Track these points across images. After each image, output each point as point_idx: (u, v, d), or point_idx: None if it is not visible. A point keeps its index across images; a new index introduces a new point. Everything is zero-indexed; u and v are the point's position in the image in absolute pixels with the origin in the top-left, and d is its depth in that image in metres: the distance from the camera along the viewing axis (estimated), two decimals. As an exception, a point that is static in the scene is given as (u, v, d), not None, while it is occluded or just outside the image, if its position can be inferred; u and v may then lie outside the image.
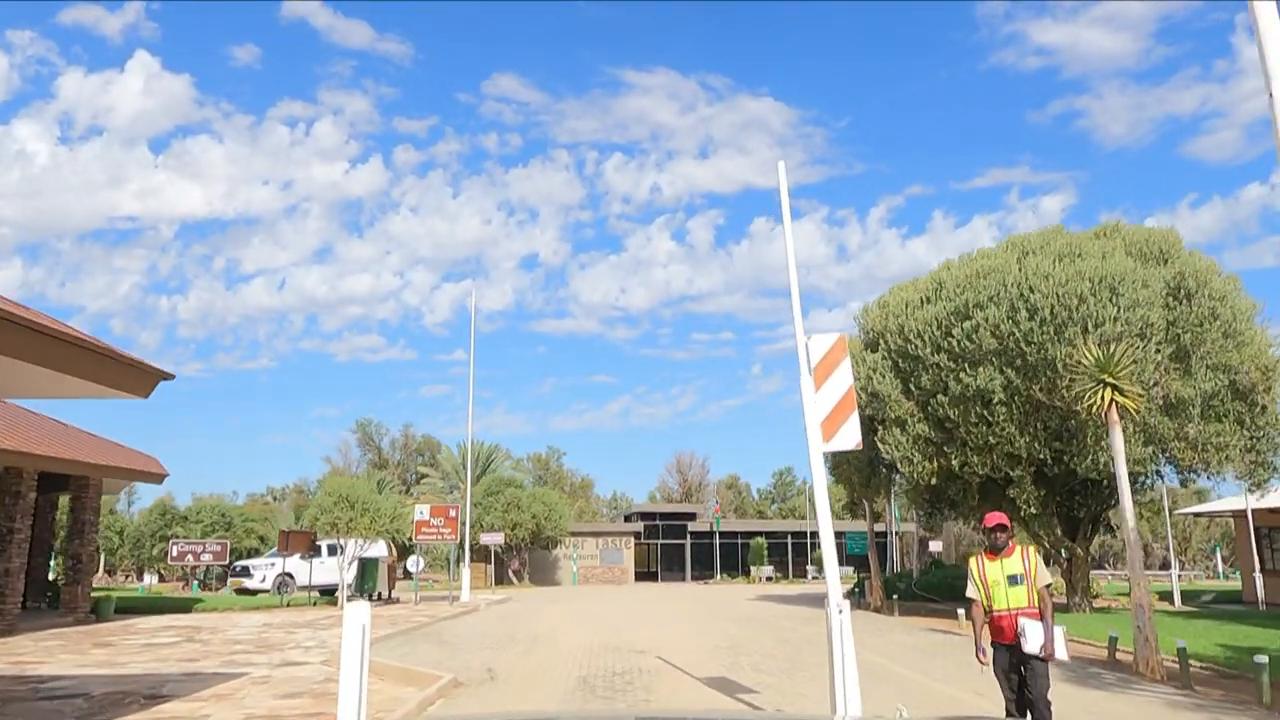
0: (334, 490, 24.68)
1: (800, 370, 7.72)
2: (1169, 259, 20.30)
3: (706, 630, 17.80)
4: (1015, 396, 19.00)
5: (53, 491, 21.68)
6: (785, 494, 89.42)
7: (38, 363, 6.54)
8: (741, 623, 19.78)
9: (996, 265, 20.41)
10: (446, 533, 27.02)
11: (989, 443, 19.40)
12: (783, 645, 14.79)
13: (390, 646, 14.85)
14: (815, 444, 7.51)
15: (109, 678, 11.48)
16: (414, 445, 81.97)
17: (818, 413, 7.58)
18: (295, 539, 25.60)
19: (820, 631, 18.05)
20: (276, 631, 17.78)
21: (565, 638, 16.30)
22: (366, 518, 24.36)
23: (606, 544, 52.53)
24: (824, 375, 7.65)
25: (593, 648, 14.51)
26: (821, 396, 7.61)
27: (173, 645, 15.17)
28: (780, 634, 16.94)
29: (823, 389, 7.63)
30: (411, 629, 18.11)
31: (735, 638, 16.15)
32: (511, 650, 14.28)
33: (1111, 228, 21.96)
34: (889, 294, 23.78)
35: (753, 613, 23.39)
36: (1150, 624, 12.00)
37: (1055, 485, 20.72)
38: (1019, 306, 19.00)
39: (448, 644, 15.33)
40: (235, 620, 21.03)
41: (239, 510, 56.97)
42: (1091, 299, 18.27)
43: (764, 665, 12.20)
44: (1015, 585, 6.16)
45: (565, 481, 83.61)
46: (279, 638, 16.49)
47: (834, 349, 7.71)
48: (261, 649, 14.61)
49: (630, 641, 15.45)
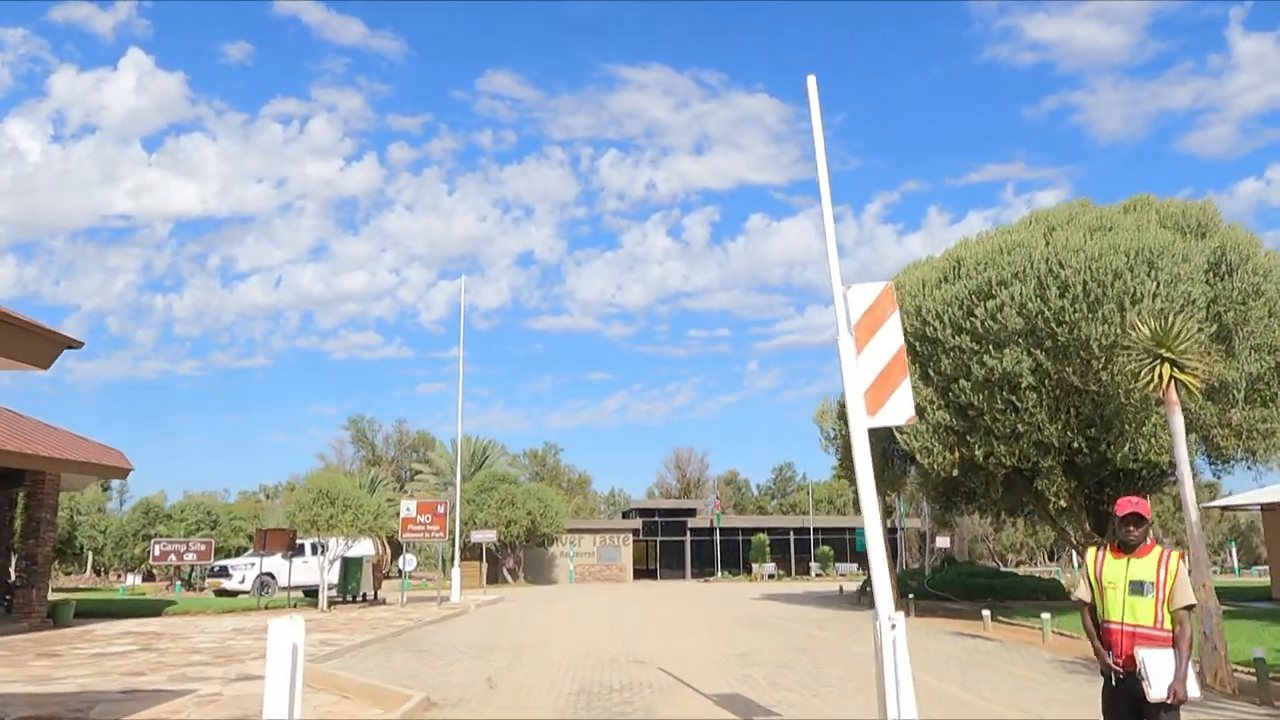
0: (314, 486, 23.20)
1: (838, 328, 6.27)
2: (1207, 232, 18.87)
3: (712, 635, 16.36)
4: (1045, 380, 17.57)
5: (10, 488, 20.20)
6: (785, 489, 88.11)
7: None
8: (749, 626, 18.35)
9: (1021, 240, 18.97)
10: (435, 530, 25.55)
11: (1016, 431, 17.97)
12: (799, 654, 13.35)
13: (364, 656, 13.40)
14: (858, 419, 6.06)
15: (34, 697, 10.01)
16: (408, 441, 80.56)
17: (860, 380, 6.13)
18: (273, 537, 24.12)
19: (837, 637, 16.68)
20: (244, 638, 16.33)
21: (557, 645, 14.85)
22: (348, 515, 22.91)
23: (604, 541, 51.06)
24: (868, 334, 6.20)
25: (587, 657, 13.06)
26: (865, 360, 6.16)
27: (124, 656, 13.70)
28: (793, 639, 15.50)
29: (866, 351, 6.18)
30: (391, 635, 16.66)
31: (745, 644, 14.70)
32: (496, 661, 12.83)
33: (1142, 201, 20.51)
34: (902, 274, 22.33)
35: (760, 614, 21.96)
36: (1219, 630, 10.59)
37: (1085, 476, 19.29)
38: (1048, 283, 17.56)
39: (427, 654, 13.87)
40: (204, 625, 19.57)
41: (227, 508, 55.45)
42: (1128, 274, 16.83)
43: (781, 679, 10.76)
44: (1140, 595, 4.62)
45: (562, 477, 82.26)
46: (244, 646, 15.03)
47: (880, 301, 6.26)
48: (221, 659, 13.15)
49: (629, 650, 14.00)
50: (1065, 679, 10.77)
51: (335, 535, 23.33)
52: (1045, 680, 10.69)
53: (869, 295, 6.27)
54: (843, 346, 6.19)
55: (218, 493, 78.38)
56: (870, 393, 6.12)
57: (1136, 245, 17.26)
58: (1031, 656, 12.99)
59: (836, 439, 22.89)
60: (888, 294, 6.27)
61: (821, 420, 22.87)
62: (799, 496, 79.31)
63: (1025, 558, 72.59)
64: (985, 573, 30.24)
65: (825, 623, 19.17)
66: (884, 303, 6.25)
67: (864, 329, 6.22)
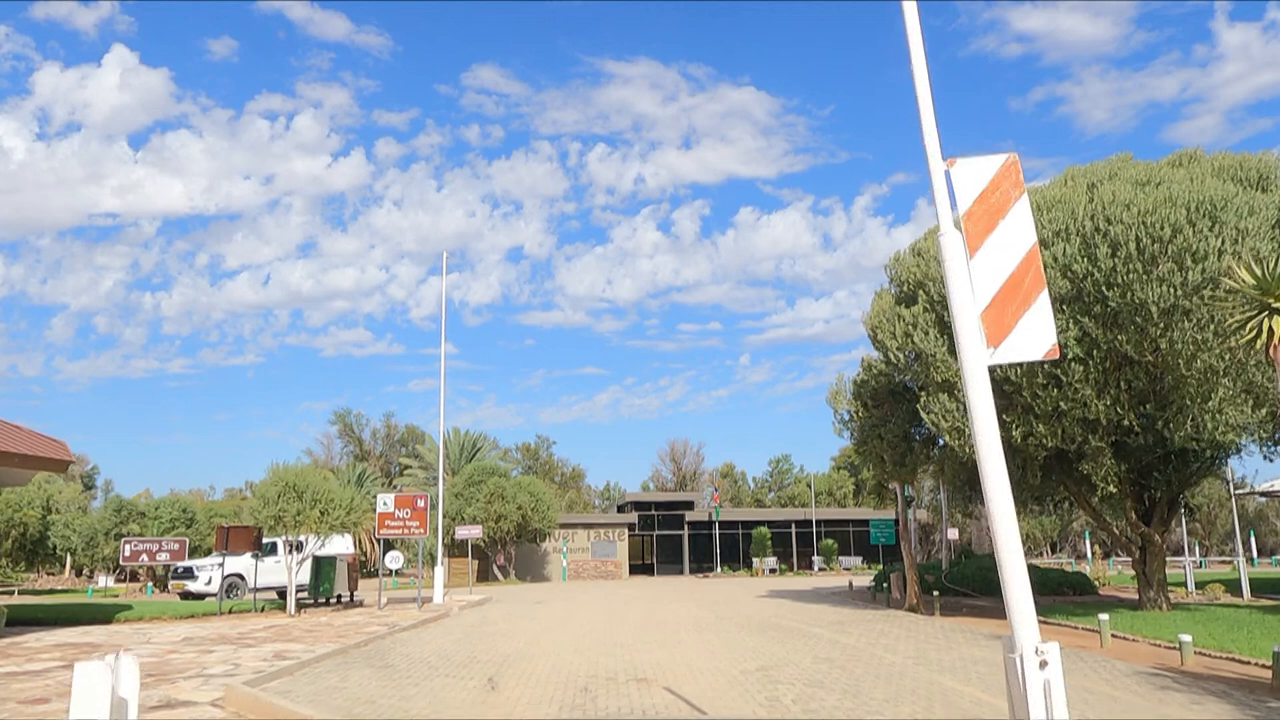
0: (279, 479, 21.13)
1: (939, 221, 4.28)
2: (1269, 186, 16.94)
3: (722, 643, 14.37)
4: (1093, 351, 15.61)
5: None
6: (782, 482, 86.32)
7: None
8: (762, 631, 16.37)
9: (1061, 197, 17.02)
10: (414, 526, 23.49)
11: (1059, 408, 16.01)
12: (828, 667, 11.37)
13: (316, 675, 11.39)
14: (974, 353, 4.05)
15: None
16: (397, 436, 78.48)
17: (976, 295, 4.13)
18: (236, 535, 22.05)
19: (866, 643, 14.63)
20: (190, 651, 14.29)
21: (544, 658, 12.85)
22: (317, 510, 20.85)
23: (599, 536, 49.01)
24: (983, 228, 4.21)
25: (579, 675, 11.06)
26: (981, 267, 4.16)
27: (39, 676, 11.64)
28: (817, 647, 13.52)
29: (983, 253, 4.18)
30: (356, 645, 14.63)
31: (762, 655, 12.71)
32: (471, 680, 10.82)
33: (1189, 155, 18.56)
34: (924, 238, 20.37)
35: (770, 615, 19.98)
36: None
37: (1135, 459, 17.35)
38: (1096, 241, 15.60)
39: (392, 670, 11.85)
40: (153, 634, 17.53)
41: (208, 506, 53.30)
42: (1189, 228, 14.86)
43: (816, 702, 8.78)
44: None
45: (556, 471, 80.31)
46: (186, 660, 13.00)
47: (1000, 179, 4.25)
48: (151, 679, 11.11)
49: (629, 663, 12.00)
50: (1160, 697, 8.81)
51: (303, 532, 21.29)
52: (1140, 699, 8.72)
53: (984, 172, 4.26)
54: (946, 249, 4.20)
55: (204, 490, 76.27)
56: (991, 314, 4.12)
57: (1195, 198, 15.30)
58: (1102, 666, 11.04)
59: (852, 421, 20.92)
60: (1011, 169, 4.27)
61: (835, 401, 20.89)
62: (797, 489, 77.50)
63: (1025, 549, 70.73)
64: (1006, 566, 28.29)
65: (846, 625, 17.22)
66: (1006, 182, 4.25)
67: (977, 221, 4.22)
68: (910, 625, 17.04)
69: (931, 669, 11.03)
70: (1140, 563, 18.32)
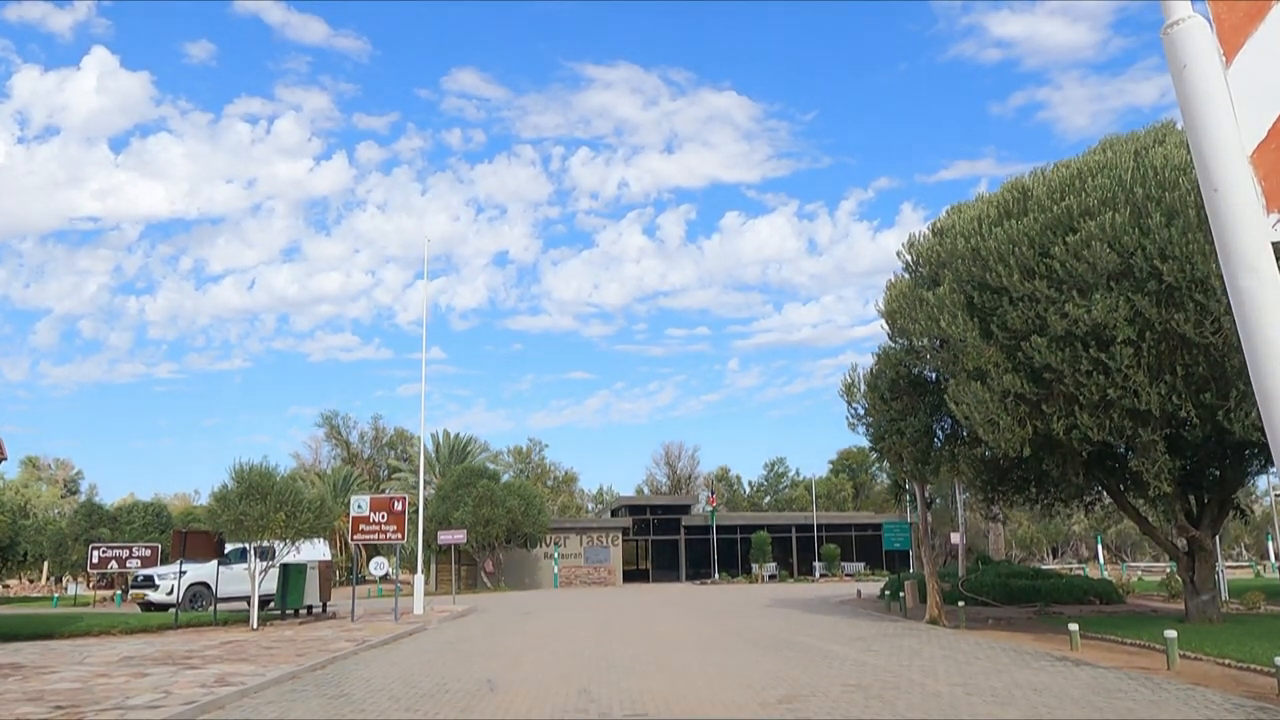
0: (241, 480, 19.27)
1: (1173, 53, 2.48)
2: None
3: (733, 665, 12.57)
4: (1146, 332, 13.88)
5: None
6: (778, 486, 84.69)
7: None
8: (776, 649, 14.57)
9: (1106, 162, 15.32)
10: (391, 531, 21.65)
11: (1106, 397, 14.27)
12: (862, 697, 9.58)
13: (254, 708, 9.56)
14: (1239, 217, 2.27)
15: None
16: (385, 439, 76.56)
17: (1241, 125, 2.34)
18: (194, 541, 20.18)
19: (898, 664, 12.33)
20: (123, 673, 12.43)
21: (525, 687, 11.03)
22: (282, 513, 19.00)
23: (591, 540, 47.13)
24: (1254, 12, 2.42)
25: (567, 710, 9.25)
26: (1247, 76, 2.38)
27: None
28: (843, 670, 11.73)
29: (1247, 54, 2.40)
30: (311, 669, 12.79)
31: (782, 681, 10.91)
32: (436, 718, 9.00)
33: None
34: (944, 216, 18.67)
35: (780, 629, 18.19)
36: None
37: (1189, 454, 15.62)
38: (1148, 209, 13.89)
39: (345, 701, 10.02)
40: (91, 652, 15.65)
41: (186, 510, 51.30)
42: (1257, 193, 13.15)
43: (862, 752, 6.97)
44: None
45: (548, 475, 78.43)
46: (112, 687, 11.12)
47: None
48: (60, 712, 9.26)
49: (628, 695, 10.19)
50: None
51: (268, 537, 19.44)
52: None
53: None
54: (1181, 46, 2.41)
55: (190, 494, 74.15)
56: (1270, 156, 2.34)
57: (1262, 160, 13.59)
58: (1192, 697, 9.27)
59: (868, 415, 19.17)
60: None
61: (850, 394, 19.13)
62: (794, 492, 75.83)
63: (1024, 555, 68.84)
64: (1026, 573, 26.62)
65: (868, 641, 15.43)
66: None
67: (1232, 29, 2.44)
68: (940, 641, 15.26)
69: (988, 701, 9.26)
70: (1188, 570, 16.58)
